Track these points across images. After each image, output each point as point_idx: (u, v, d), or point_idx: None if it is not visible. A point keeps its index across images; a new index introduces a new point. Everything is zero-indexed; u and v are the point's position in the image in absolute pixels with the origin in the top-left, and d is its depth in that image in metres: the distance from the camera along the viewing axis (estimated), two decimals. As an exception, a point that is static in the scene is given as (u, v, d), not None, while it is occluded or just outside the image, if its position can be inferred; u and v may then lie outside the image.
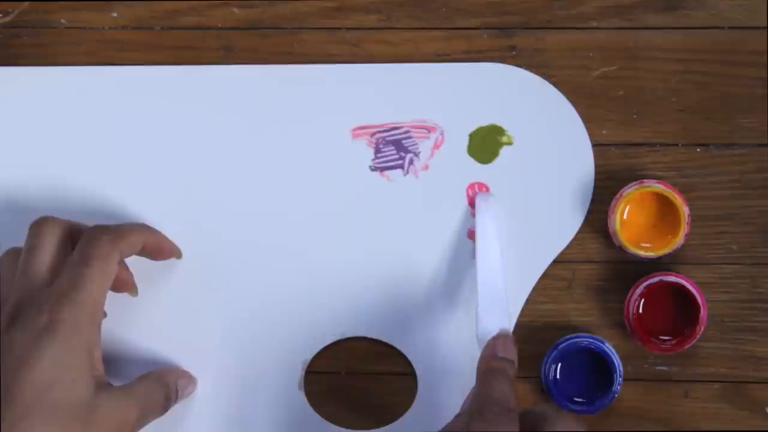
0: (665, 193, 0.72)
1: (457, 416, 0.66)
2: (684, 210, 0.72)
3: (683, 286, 0.73)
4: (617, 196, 0.74)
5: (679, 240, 0.73)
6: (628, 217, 0.74)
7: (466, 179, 0.76)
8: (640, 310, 0.74)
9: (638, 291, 0.73)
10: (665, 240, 0.73)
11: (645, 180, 0.74)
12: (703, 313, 0.73)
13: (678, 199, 0.72)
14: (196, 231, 0.76)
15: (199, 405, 0.76)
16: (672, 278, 0.73)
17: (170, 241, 0.75)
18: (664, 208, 0.73)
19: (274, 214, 0.76)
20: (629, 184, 0.74)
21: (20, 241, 0.71)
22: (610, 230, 0.74)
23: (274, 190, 0.76)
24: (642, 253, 0.73)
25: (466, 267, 0.75)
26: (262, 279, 0.76)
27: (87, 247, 0.68)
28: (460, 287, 0.75)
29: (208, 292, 0.76)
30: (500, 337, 0.69)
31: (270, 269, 0.76)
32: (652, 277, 0.73)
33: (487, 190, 0.76)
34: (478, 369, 0.68)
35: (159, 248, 0.74)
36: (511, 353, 0.68)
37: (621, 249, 0.74)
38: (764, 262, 0.75)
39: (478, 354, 0.69)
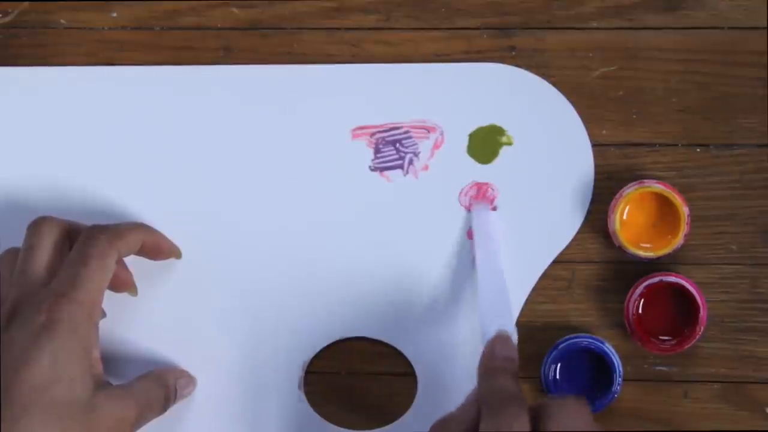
0: (665, 193, 0.72)
1: (463, 406, 0.63)
2: (684, 210, 0.72)
3: (683, 286, 0.73)
4: (617, 196, 0.74)
5: (679, 240, 0.73)
6: (628, 217, 0.74)
7: (465, 179, 0.76)
8: (640, 310, 0.74)
9: (638, 291, 0.73)
10: (665, 240, 0.73)
11: (645, 180, 0.74)
12: (703, 313, 0.73)
13: (678, 200, 0.72)
14: (195, 231, 0.76)
15: (199, 405, 0.76)
16: (672, 278, 0.73)
17: (169, 241, 0.75)
18: (664, 208, 0.73)
19: (274, 215, 0.76)
20: (629, 184, 0.73)
21: (20, 241, 0.71)
22: (610, 230, 0.74)
23: (274, 191, 0.76)
24: (642, 253, 0.73)
25: (465, 267, 0.75)
26: (262, 279, 0.76)
27: (85, 247, 0.69)
28: (460, 287, 0.75)
29: (208, 292, 0.76)
30: (498, 337, 0.67)
31: (269, 269, 0.76)
32: (652, 277, 0.73)
33: (487, 189, 0.75)
34: (479, 371, 0.66)
35: (158, 248, 0.74)
36: (512, 352, 0.66)
37: (621, 249, 0.74)
38: (764, 262, 0.75)
39: (470, 361, 0.70)
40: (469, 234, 0.75)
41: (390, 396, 0.76)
